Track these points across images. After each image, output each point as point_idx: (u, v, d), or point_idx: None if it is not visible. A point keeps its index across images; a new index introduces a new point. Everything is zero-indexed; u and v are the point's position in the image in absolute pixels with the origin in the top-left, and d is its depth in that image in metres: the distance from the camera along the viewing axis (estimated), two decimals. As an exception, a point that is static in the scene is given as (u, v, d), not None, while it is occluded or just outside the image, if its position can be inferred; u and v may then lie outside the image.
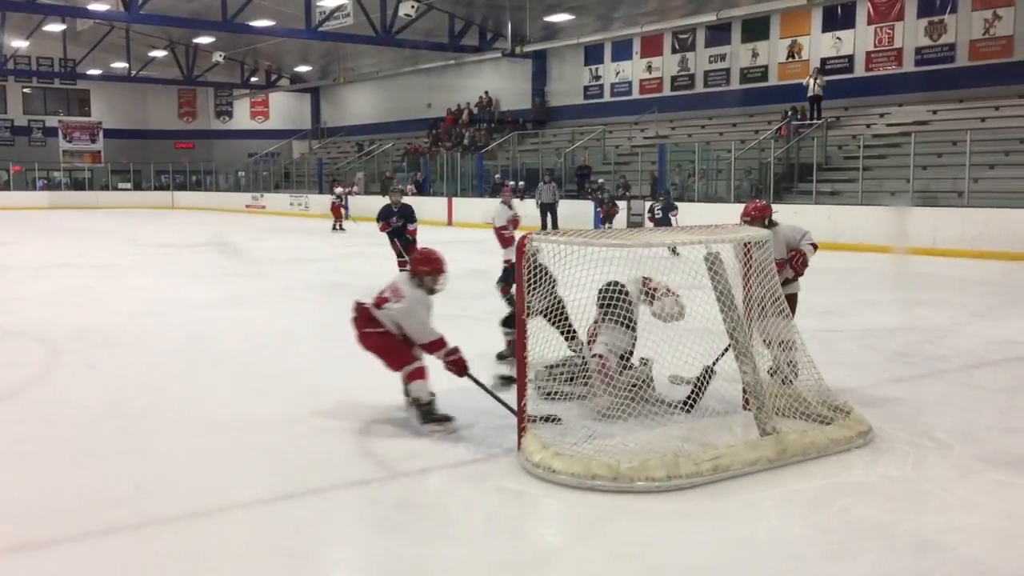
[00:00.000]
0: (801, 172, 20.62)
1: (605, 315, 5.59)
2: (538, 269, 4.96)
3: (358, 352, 5.43)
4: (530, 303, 4.87)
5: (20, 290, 11.85)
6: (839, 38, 23.28)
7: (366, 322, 5.35)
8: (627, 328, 5.51)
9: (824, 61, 23.32)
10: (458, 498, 4.33)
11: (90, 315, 9.56)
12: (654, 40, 27.78)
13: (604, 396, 5.27)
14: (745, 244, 5.15)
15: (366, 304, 5.37)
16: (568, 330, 5.63)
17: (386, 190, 26.74)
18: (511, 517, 4.22)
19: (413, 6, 26.29)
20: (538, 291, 4.99)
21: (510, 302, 6.57)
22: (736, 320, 4.91)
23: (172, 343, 8.12)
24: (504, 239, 12.44)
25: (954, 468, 4.62)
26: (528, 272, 4.81)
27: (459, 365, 5.26)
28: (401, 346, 5.27)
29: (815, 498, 4.30)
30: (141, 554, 3.72)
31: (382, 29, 28.55)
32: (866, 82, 22.58)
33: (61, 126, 44.91)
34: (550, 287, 5.19)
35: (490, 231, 13.21)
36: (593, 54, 29.93)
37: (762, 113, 24.26)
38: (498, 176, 27.20)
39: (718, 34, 26.04)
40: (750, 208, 6.29)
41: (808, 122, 21.78)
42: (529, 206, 20.88)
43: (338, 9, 28.28)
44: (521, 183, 25.10)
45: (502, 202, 13.21)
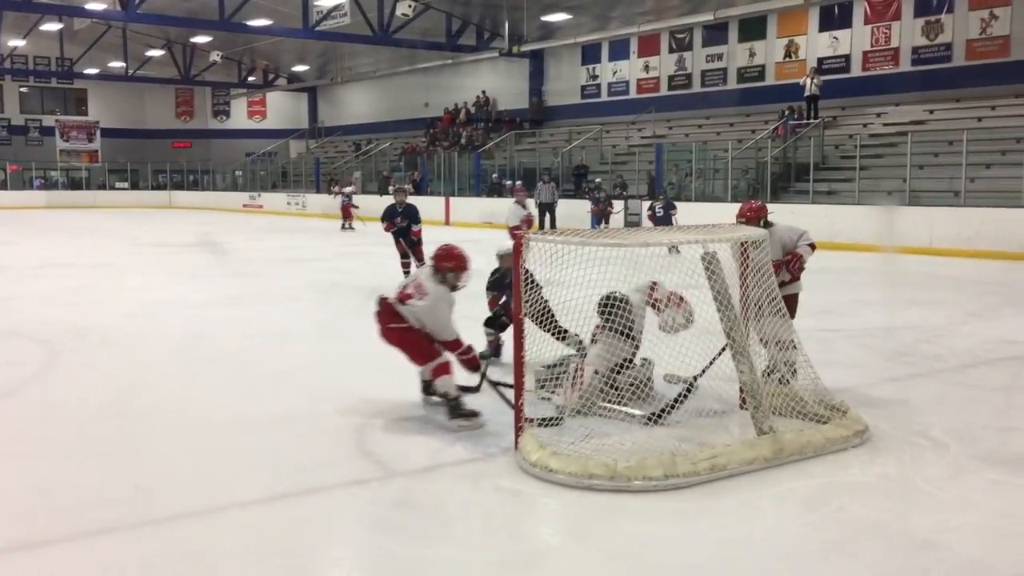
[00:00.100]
0: (798, 172, 20.64)
1: (605, 324, 5.62)
2: (524, 275, 4.97)
3: (356, 352, 5.45)
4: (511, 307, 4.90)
5: (18, 290, 11.83)
6: (836, 38, 23.30)
7: (389, 317, 5.40)
8: (626, 337, 5.57)
9: (821, 61, 23.34)
10: (456, 497, 4.34)
11: (88, 315, 9.55)
12: (651, 40, 27.79)
13: (566, 396, 5.36)
14: (742, 244, 5.16)
15: (389, 299, 5.42)
16: (558, 331, 5.65)
17: (383, 190, 26.78)
18: (509, 516, 4.22)
19: (410, 5, 26.25)
20: (525, 297, 5.00)
21: (496, 314, 6.60)
22: (733, 320, 4.92)
23: (170, 343, 8.11)
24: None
25: (950, 467, 4.63)
26: (510, 278, 4.82)
27: (472, 364, 5.45)
28: (425, 341, 5.33)
29: (812, 497, 4.31)
30: (139, 554, 3.72)
31: (379, 28, 28.57)
32: (863, 82, 22.60)
33: (58, 125, 44.86)
34: (536, 293, 5.21)
35: (490, 231, 13.24)
36: (590, 54, 29.93)
37: (759, 113, 24.27)
38: (495, 176, 27.26)
39: (715, 34, 26.05)
40: (745, 209, 6.25)
41: (805, 122, 21.80)
42: (528, 206, 20.81)
43: (335, 8, 28.30)
44: (519, 182, 25.05)
45: (515, 202, 13.28)
